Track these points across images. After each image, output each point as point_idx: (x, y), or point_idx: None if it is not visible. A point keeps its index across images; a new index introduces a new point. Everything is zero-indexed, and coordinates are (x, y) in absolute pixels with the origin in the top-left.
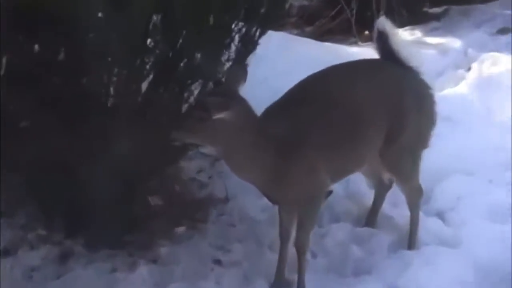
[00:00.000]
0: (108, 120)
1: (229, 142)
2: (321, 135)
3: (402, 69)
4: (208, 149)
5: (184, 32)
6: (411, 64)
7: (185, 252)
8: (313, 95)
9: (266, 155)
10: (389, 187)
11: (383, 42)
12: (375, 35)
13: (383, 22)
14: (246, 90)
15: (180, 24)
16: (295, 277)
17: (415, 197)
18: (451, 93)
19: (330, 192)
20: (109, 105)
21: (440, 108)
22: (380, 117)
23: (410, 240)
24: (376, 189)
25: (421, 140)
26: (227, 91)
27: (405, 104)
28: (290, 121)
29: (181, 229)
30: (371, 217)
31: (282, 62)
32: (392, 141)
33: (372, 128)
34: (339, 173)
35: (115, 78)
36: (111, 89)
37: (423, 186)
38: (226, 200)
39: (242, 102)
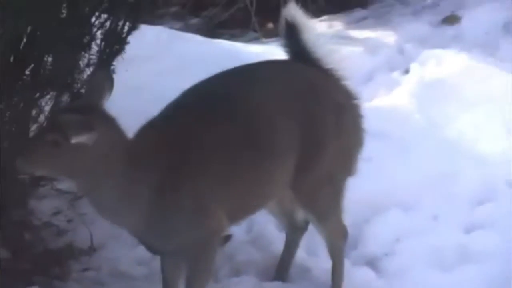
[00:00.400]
0: None
1: (92, 174)
2: (214, 161)
3: (317, 73)
4: (66, 184)
5: (29, 28)
6: (329, 67)
7: None
8: (201, 110)
9: (141, 190)
10: (304, 229)
11: (292, 38)
12: (282, 28)
13: (293, 11)
14: (113, 103)
15: (23, 17)
16: None
17: (338, 240)
18: (383, 104)
19: (229, 237)
20: None
21: (370, 123)
22: (290, 137)
23: None
24: (288, 232)
25: (345, 166)
26: (88, 106)
27: (321, 121)
28: (172, 143)
29: None
30: (282, 268)
31: (159, 65)
32: (307, 168)
33: (281, 152)
34: (240, 212)
35: None
36: None
37: (348, 227)
38: (92, 250)
39: (109, 120)
